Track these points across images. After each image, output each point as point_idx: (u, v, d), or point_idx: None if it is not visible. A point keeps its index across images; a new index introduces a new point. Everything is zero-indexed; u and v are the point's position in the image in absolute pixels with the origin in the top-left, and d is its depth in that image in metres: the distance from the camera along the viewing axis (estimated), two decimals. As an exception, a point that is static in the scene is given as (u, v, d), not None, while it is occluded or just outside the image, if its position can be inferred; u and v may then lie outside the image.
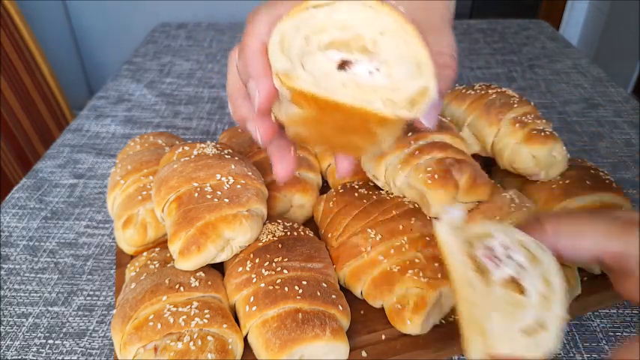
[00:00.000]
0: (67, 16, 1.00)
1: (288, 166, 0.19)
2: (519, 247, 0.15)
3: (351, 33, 0.15)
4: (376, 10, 0.15)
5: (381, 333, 0.24)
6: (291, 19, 0.15)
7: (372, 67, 0.15)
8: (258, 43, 0.15)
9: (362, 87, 0.14)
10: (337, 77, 0.15)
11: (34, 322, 0.26)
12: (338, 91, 0.14)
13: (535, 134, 0.29)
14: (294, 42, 0.15)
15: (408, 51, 0.15)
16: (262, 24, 0.16)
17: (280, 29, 0.15)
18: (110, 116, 0.46)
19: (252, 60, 0.15)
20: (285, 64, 0.14)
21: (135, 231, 0.28)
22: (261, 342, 0.22)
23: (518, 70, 0.53)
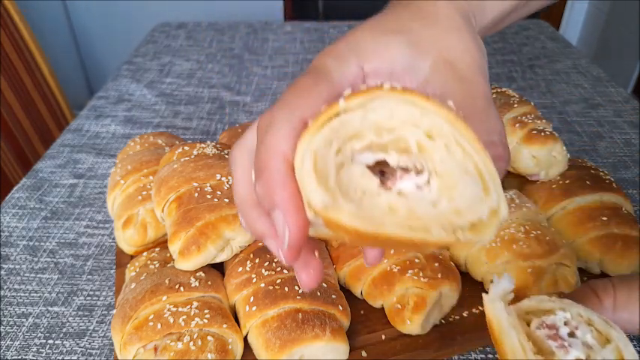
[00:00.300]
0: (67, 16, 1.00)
1: (315, 272, 0.15)
2: (584, 324, 0.13)
3: (390, 137, 0.12)
4: (421, 108, 0.12)
5: (381, 333, 0.24)
6: (321, 133, 0.12)
7: (421, 180, 0.12)
8: (281, 165, 0.12)
9: (413, 210, 0.11)
10: (382, 199, 0.12)
11: (34, 322, 0.26)
12: (386, 222, 0.11)
13: (535, 134, 0.29)
14: (328, 162, 0.12)
15: (466, 159, 0.12)
16: (283, 136, 0.12)
17: (311, 149, 0.12)
18: (110, 116, 0.46)
19: (277, 188, 0.12)
20: (324, 198, 0.11)
21: (135, 231, 0.28)
22: (261, 342, 0.22)
23: (518, 70, 0.53)
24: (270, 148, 0.12)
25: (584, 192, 0.28)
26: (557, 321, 0.13)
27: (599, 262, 0.27)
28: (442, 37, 0.14)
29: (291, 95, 0.13)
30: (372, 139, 0.12)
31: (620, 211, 0.27)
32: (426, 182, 0.12)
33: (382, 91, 0.12)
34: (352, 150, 0.12)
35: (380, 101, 0.12)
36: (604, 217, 0.27)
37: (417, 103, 0.12)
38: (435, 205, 0.12)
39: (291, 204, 0.12)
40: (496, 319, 0.13)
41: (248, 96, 0.49)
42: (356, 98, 0.12)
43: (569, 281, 0.24)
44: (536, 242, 0.25)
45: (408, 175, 0.12)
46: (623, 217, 0.27)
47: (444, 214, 0.12)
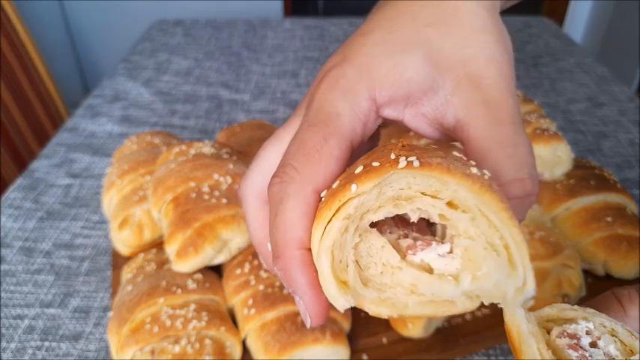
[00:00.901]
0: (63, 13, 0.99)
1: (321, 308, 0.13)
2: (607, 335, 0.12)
3: (409, 207, 0.11)
4: (441, 181, 0.11)
5: (382, 336, 0.23)
6: (336, 224, 0.11)
7: (443, 250, 0.11)
8: (296, 252, 0.12)
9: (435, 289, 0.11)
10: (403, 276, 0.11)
11: (29, 324, 0.26)
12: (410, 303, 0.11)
13: (539, 134, 0.29)
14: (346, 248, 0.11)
15: (492, 231, 0.11)
16: (297, 217, 0.11)
17: (326, 247, 0.11)
18: (106, 115, 0.46)
19: (297, 279, 0.12)
20: (345, 303, 0.11)
21: (131, 232, 0.27)
22: (260, 345, 0.21)
23: (522, 68, 0.53)
24: (285, 231, 0.12)
25: (589, 192, 0.27)
26: (578, 330, 0.12)
27: (604, 263, 0.26)
28: (465, 44, 0.12)
29: (299, 160, 0.12)
30: (390, 210, 0.11)
31: (625, 212, 0.27)
32: (449, 251, 0.11)
33: (397, 169, 0.11)
34: (368, 222, 0.11)
35: (396, 176, 0.11)
36: (608, 218, 0.26)
37: (436, 177, 0.11)
38: (456, 279, 0.11)
39: (310, 292, 0.12)
40: (515, 327, 0.11)
41: (247, 94, 0.49)
42: (370, 181, 0.11)
43: (573, 282, 0.24)
44: (540, 243, 0.24)
45: (430, 247, 0.12)
46: (628, 218, 0.27)
47: (468, 291, 0.11)
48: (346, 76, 0.13)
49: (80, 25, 1.00)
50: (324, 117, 0.12)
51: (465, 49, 0.13)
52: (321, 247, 0.11)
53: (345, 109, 0.12)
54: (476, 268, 0.11)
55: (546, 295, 0.24)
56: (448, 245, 0.11)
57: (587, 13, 1.03)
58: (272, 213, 0.12)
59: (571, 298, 0.24)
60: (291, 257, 0.12)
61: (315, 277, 0.12)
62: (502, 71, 0.13)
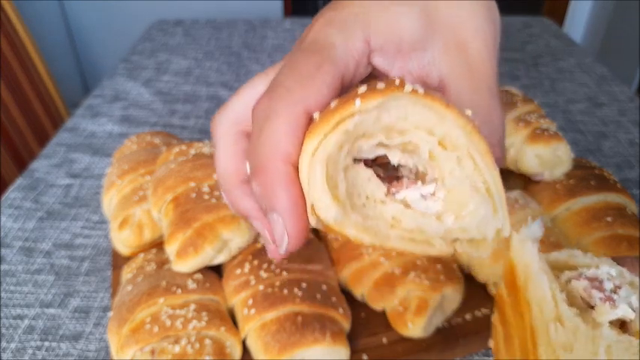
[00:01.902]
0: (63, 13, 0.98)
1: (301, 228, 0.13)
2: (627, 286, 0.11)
3: (400, 140, 0.11)
4: (439, 115, 0.11)
5: (382, 336, 0.23)
6: (334, 137, 0.11)
7: (427, 191, 0.11)
8: (282, 166, 0.11)
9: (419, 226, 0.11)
10: (387, 209, 0.11)
11: (29, 324, 0.26)
12: (391, 235, 0.11)
13: (539, 134, 0.29)
14: (338, 168, 0.11)
15: (476, 174, 0.11)
16: (285, 133, 0.11)
17: (322, 157, 0.10)
18: (106, 115, 0.46)
19: (279, 194, 0.11)
20: (338, 215, 0.10)
21: (131, 232, 0.27)
22: (260, 345, 0.21)
23: (522, 68, 0.53)
24: (271, 146, 0.11)
25: (589, 192, 0.27)
26: (599, 274, 0.11)
27: (604, 263, 0.26)
28: (457, 10, 0.13)
29: (291, 80, 0.12)
30: (381, 140, 0.11)
31: (625, 212, 0.27)
32: (432, 193, 0.11)
33: (402, 93, 0.11)
34: (358, 150, 0.11)
35: (397, 101, 0.11)
36: (608, 218, 0.26)
37: (435, 109, 0.11)
38: (439, 218, 0.11)
39: (293, 210, 0.11)
40: (523, 263, 0.10)
41: (247, 94, 0.49)
42: (374, 99, 0.11)
43: (573, 283, 0.24)
44: (540, 243, 0.24)
45: (415, 186, 0.12)
46: (628, 218, 0.27)
47: (450, 230, 0.11)
48: (342, 17, 0.12)
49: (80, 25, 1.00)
50: (319, 47, 0.12)
51: (457, 15, 0.13)
52: (315, 158, 0.11)
53: (340, 42, 0.12)
54: (460, 208, 0.11)
55: (546, 295, 0.24)
56: (432, 186, 0.11)
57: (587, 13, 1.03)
58: (255, 131, 0.12)
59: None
60: (275, 171, 0.11)
61: (299, 195, 0.11)
62: (487, 42, 0.13)
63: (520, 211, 0.26)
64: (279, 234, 0.11)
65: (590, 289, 0.11)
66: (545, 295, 0.10)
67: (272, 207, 0.11)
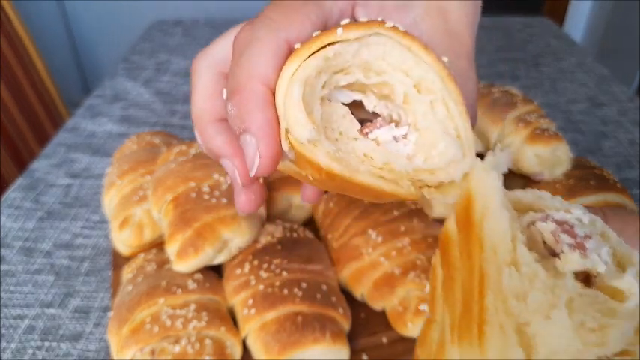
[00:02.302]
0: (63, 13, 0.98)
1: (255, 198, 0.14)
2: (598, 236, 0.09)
3: (377, 79, 0.11)
4: (416, 57, 0.11)
5: (382, 336, 0.23)
6: (313, 61, 0.11)
7: (399, 133, 0.12)
8: (260, 87, 0.11)
9: (388, 162, 0.11)
10: (359, 145, 0.11)
11: (30, 323, 0.26)
12: (361, 169, 0.11)
13: (538, 134, 0.29)
14: (315, 94, 0.11)
15: (448, 120, 0.11)
16: (265, 57, 0.11)
17: (301, 78, 0.11)
18: (106, 115, 0.46)
19: (254, 113, 0.11)
20: (312, 133, 0.10)
21: (131, 232, 0.27)
22: (260, 345, 0.21)
23: (522, 68, 0.53)
24: (250, 68, 0.11)
25: (588, 192, 0.28)
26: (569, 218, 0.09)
27: (603, 263, 0.26)
28: None
29: (275, 13, 0.12)
30: (359, 78, 0.11)
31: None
32: (404, 136, 0.12)
33: (383, 27, 0.11)
34: (335, 85, 0.11)
35: (377, 38, 0.11)
36: (608, 218, 0.27)
37: (413, 51, 0.11)
38: (410, 159, 0.12)
39: (266, 130, 0.11)
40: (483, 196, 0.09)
41: (247, 94, 0.49)
42: (356, 30, 0.11)
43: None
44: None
45: (388, 126, 0.12)
46: (628, 218, 0.27)
47: (419, 170, 0.11)
48: None
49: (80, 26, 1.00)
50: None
51: None
52: (294, 78, 0.11)
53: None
54: (430, 149, 0.11)
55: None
56: (405, 129, 0.12)
57: (587, 13, 1.03)
58: (235, 56, 0.12)
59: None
60: (251, 91, 0.11)
61: (274, 117, 0.11)
62: (467, 10, 0.14)
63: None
64: (250, 156, 0.11)
65: (559, 234, 0.09)
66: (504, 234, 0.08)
67: (246, 128, 0.11)
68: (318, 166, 0.11)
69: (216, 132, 0.13)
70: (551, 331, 0.08)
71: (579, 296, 0.08)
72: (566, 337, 0.08)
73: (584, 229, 0.09)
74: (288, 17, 0.12)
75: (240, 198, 0.14)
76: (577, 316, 0.08)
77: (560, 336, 0.08)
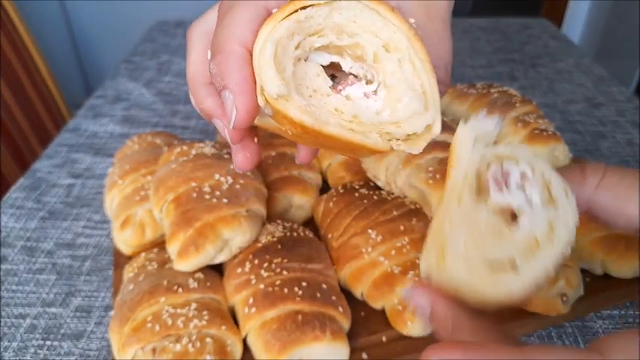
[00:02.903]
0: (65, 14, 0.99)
1: (251, 156, 0.15)
2: (540, 183, 0.12)
3: (349, 41, 0.13)
4: (384, 19, 0.12)
5: (381, 335, 0.23)
6: (286, 23, 0.12)
7: (369, 89, 0.13)
8: (238, 48, 0.12)
9: (357, 114, 0.12)
10: (330, 100, 0.12)
11: (31, 323, 0.26)
12: (331, 121, 0.12)
13: (537, 134, 0.29)
14: (287, 54, 0.12)
15: (414, 77, 0.13)
16: (244, 21, 0.12)
17: (274, 38, 0.12)
18: (108, 115, 0.46)
19: (232, 71, 0.12)
20: (280, 88, 0.12)
21: (133, 231, 0.27)
22: (261, 344, 0.22)
23: (520, 69, 0.53)
24: (230, 30, 0.12)
25: (587, 192, 0.28)
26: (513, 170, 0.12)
27: (602, 262, 0.26)
28: None
29: None
30: (332, 40, 0.13)
31: (623, 212, 0.27)
32: (374, 92, 0.13)
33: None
34: (310, 47, 0.12)
35: (347, 2, 0.12)
36: (607, 218, 0.27)
37: (381, 13, 0.12)
38: (378, 114, 0.13)
39: (243, 86, 0.12)
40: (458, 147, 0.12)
41: (247, 95, 0.50)
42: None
43: (571, 282, 0.24)
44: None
45: (359, 83, 0.13)
46: (626, 218, 0.27)
47: (385, 122, 0.12)
48: None
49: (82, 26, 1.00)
50: None
51: None
52: (267, 38, 0.12)
53: None
54: (396, 103, 0.12)
55: (544, 294, 0.24)
56: (375, 85, 0.13)
57: (585, 14, 1.04)
58: (219, 20, 0.13)
59: (569, 297, 0.24)
60: (230, 51, 0.12)
61: (250, 75, 0.12)
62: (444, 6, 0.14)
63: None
64: (229, 109, 0.12)
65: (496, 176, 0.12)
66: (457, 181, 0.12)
67: (225, 85, 0.12)
68: (292, 119, 0.12)
69: (207, 94, 0.15)
70: None
71: (487, 224, 0.11)
72: None
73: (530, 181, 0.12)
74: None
75: (237, 157, 0.15)
76: (477, 237, 0.11)
77: None
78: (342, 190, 0.29)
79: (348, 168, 0.31)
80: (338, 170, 0.32)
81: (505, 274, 0.11)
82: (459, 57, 0.56)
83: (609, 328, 0.25)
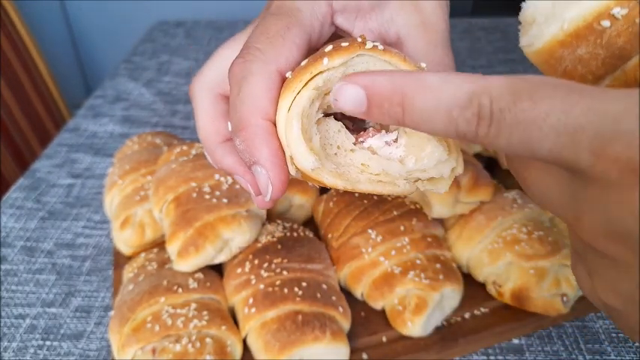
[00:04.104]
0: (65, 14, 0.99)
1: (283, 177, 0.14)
2: None
3: None
4: (397, 68, 0.13)
5: (381, 335, 0.24)
6: (306, 93, 0.12)
7: (390, 138, 0.13)
8: (261, 122, 0.12)
9: (384, 167, 0.13)
10: (355, 157, 0.13)
11: (31, 323, 0.26)
12: (361, 179, 0.13)
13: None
14: (311, 121, 0.12)
15: None
16: (261, 91, 0.12)
17: (297, 113, 0.12)
18: (108, 115, 0.46)
19: (261, 147, 0.12)
20: (315, 163, 0.12)
21: (133, 231, 0.27)
22: (261, 344, 0.22)
23: (521, 69, 0.53)
24: (249, 104, 0.13)
25: (587, 192, 0.28)
26: None
27: (602, 263, 0.26)
28: None
29: (263, 43, 0.13)
30: None
31: (624, 212, 0.27)
32: (394, 140, 0.13)
33: (364, 49, 0.13)
34: (328, 105, 0.13)
35: (360, 58, 0.13)
36: (607, 218, 0.27)
37: (393, 64, 0.13)
38: (401, 161, 0.13)
39: (274, 162, 0.12)
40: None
41: (247, 95, 0.49)
42: (340, 56, 0.12)
43: (571, 282, 0.24)
44: (538, 243, 0.24)
45: (379, 134, 0.13)
46: (627, 218, 0.27)
47: (412, 171, 0.13)
48: None
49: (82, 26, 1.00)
50: (287, 10, 0.14)
51: None
52: (291, 113, 0.12)
53: (305, 6, 0.14)
54: (419, 151, 0.13)
55: (544, 293, 0.24)
56: (395, 134, 0.13)
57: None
58: (234, 91, 0.13)
59: (569, 297, 0.24)
60: (256, 126, 0.12)
61: (278, 147, 0.13)
62: (441, 3, 0.15)
63: (518, 210, 0.26)
64: (263, 184, 0.13)
65: None
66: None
67: (255, 160, 0.13)
68: (324, 184, 0.13)
69: (224, 153, 0.15)
70: None
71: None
72: None
73: None
74: (275, 47, 0.13)
75: (258, 199, 0.15)
76: None
77: None
78: (342, 190, 0.29)
79: (348, 168, 0.31)
80: (338, 170, 0.32)
81: None
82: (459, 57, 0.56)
83: (609, 328, 0.25)
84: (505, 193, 0.27)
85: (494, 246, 0.25)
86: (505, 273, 0.25)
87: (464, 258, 0.26)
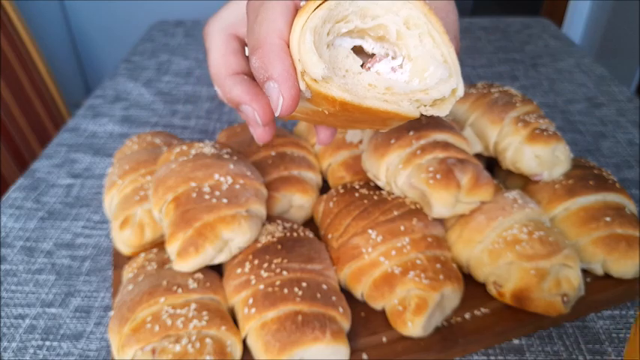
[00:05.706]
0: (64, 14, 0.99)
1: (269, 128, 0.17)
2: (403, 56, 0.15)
3: (372, 23, 0.14)
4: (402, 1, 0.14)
5: (382, 335, 0.23)
6: (320, 12, 0.13)
7: (395, 63, 0.15)
8: (277, 40, 0.14)
9: (389, 87, 0.14)
10: (363, 78, 0.14)
11: (30, 323, 0.26)
12: (368, 95, 0.14)
13: (538, 134, 0.29)
14: (322, 40, 0.14)
15: (435, 48, 0.14)
16: (279, 14, 0.14)
17: (311, 27, 0.13)
18: (107, 115, 0.46)
19: (275, 63, 0.13)
20: (325, 71, 0.13)
21: (132, 232, 0.27)
22: (261, 344, 0.22)
23: (521, 68, 0.53)
24: (267, 25, 0.14)
25: (588, 192, 0.28)
26: None
27: (603, 262, 0.26)
28: None
29: None
30: (357, 24, 0.14)
31: (624, 212, 0.27)
32: (400, 66, 0.14)
33: None
34: (337, 33, 0.14)
35: None
36: (607, 218, 0.26)
37: None
38: (407, 83, 0.14)
39: (286, 76, 0.13)
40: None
41: (247, 95, 0.50)
42: None
43: (572, 282, 0.24)
44: (539, 243, 0.24)
45: (386, 59, 0.15)
46: (627, 218, 0.27)
47: (415, 90, 0.14)
48: None
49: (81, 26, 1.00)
50: None
51: None
52: (305, 27, 0.13)
53: None
54: (422, 72, 0.14)
55: (545, 294, 0.24)
56: (400, 59, 0.15)
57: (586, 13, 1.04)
58: (251, 17, 0.14)
59: (570, 297, 0.24)
60: (272, 44, 0.13)
61: (291, 65, 0.14)
62: None
63: (519, 211, 0.26)
64: (274, 99, 0.14)
65: None
66: None
67: (269, 76, 0.14)
68: (332, 98, 0.13)
69: (233, 83, 0.16)
70: None
71: None
72: None
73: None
74: None
75: (258, 131, 0.17)
76: None
77: None
78: (342, 190, 0.29)
79: (348, 168, 0.31)
80: (338, 170, 0.32)
81: None
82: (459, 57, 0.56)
83: (610, 328, 0.25)
84: (505, 193, 0.27)
85: (494, 246, 0.25)
86: (505, 273, 0.25)
87: (464, 258, 0.26)
